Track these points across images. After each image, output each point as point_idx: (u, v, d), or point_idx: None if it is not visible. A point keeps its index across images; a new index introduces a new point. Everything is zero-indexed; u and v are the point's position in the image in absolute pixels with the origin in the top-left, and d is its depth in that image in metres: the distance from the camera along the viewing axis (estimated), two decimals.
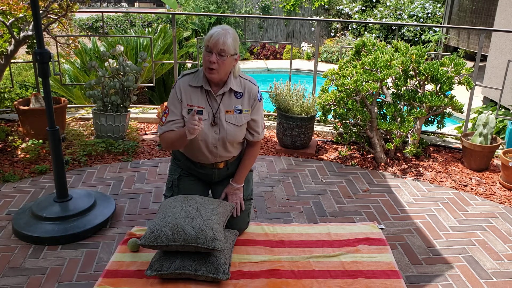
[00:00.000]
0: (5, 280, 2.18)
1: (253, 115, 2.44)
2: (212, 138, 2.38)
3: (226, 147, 2.45)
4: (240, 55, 2.29)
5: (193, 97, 2.34)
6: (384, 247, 2.50)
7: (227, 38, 2.20)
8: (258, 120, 2.47)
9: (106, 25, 11.32)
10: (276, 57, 11.83)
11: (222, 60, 2.21)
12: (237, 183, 2.53)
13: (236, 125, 2.39)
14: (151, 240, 2.12)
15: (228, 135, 2.39)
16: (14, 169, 3.37)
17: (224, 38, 2.19)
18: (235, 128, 2.39)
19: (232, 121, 2.38)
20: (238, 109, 2.38)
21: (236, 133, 2.41)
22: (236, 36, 2.28)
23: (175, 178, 2.59)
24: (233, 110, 2.38)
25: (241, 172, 2.55)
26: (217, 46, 2.19)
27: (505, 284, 2.25)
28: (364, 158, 3.76)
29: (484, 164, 3.61)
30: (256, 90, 2.43)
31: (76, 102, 5.68)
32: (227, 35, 2.21)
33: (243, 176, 2.55)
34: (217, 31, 2.21)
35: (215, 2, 11.71)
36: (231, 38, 2.23)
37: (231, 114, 2.37)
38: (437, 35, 10.73)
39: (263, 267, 2.29)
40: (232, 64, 2.29)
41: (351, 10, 12.10)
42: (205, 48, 2.24)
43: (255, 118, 2.45)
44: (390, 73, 3.51)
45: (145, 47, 6.16)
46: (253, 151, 2.56)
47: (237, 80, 2.40)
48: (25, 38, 3.78)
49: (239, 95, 2.39)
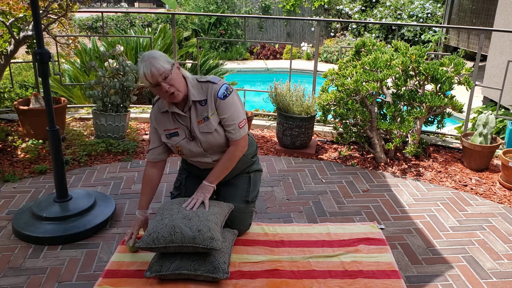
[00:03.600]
0: (5, 280, 2.18)
1: (220, 113, 2.35)
2: (197, 151, 2.41)
3: (217, 151, 2.44)
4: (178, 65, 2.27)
5: (165, 122, 2.39)
6: (384, 247, 2.50)
7: (155, 64, 2.15)
8: (227, 117, 2.35)
9: (106, 25, 11.32)
10: (276, 57, 11.83)
11: (171, 80, 2.19)
12: (207, 181, 2.39)
13: (209, 132, 2.35)
14: (149, 242, 2.12)
15: (208, 143, 2.38)
16: (14, 169, 3.37)
17: (153, 67, 2.14)
18: (211, 135, 2.36)
19: (205, 130, 2.35)
20: (205, 116, 2.34)
21: (214, 139, 2.38)
22: (157, 53, 2.21)
23: (183, 177, 2.63)
24: (202, 119, 2.35)
25: (214, 170, 2.41)
26: (156, 77, 2.16)
27: (505, 284, 2.25)
28: (364, 158, 3.76)
29: (484, 164, 3.61)
30: (216, 89, 2.32)
31: (76, 102, 5.68)
32: (152, 62, 2.15)
33: (215, 175, 2.40)
34: (144, 68, 2.15)
35: (215, 2, 11.71)
36: (156, 60, 2.16)
37: (202, 123, 2.35)
38: (437, 35, 10.73)
39: (263, 267, 2.29)
40: (179, 74, 2.26)
41: (351, 10, 12.10)
42: (152, 88, 2.21)
43: (223, 116, 2.35)
44: (390, 73, 3.51)
45: (145, 47, 6.16)
46: (230, 151, 2.41)
47: (197, 86, 2.34)
48: (25, 38, 3.78)
49: (203, 102, 2.34)
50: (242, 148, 2.44)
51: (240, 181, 2.58)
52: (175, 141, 2.39)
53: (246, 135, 2.44)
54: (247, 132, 2.47)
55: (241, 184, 2.58)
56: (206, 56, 7.25)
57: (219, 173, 2.41)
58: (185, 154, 2.45)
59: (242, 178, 2.59)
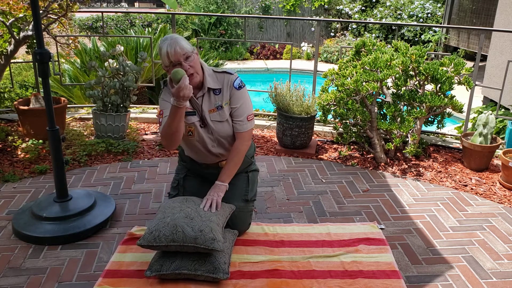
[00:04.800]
0: (5, 280, 2.18)
1: (232, 103, 2.38)
2: (208, 138, 2.42)
3: (224, 145, 2.46)
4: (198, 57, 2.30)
5: None
6: (384, 247, 2.50)
7: (180, 43, 2.19)
8: (238, 107, 2.39)
9: (106, 25, 11.32)
10: (276, 57, 11.83)
11: (192, 61, 2.22)
12: (220, 181, 2.41)
13: (221, 121, 2.39)
14: (150, 240, 2.12)
15: (218, 133, 2.41)
16: (14, 169, 3.37)
17: (178, 45, 2.18)
18: (221, 124, 2.40)
19: (217, 119, 2.38)
20: (219, 105, 2.38)
21: (225, 129, 2.41)
22: (179, 36, 2.26)
23: (181, 177, 2.62)
24: (215, 108, 2.38)
25: (224, 169, 2.44)
26: (179, 55, 2.18)
27: (505, 284, 2.25)
28: (364, 158, 3.76)
29: (484, 164, 3.61)
30: (232, 78, 2.39)
31: (76, 102, 5.68)
32: (177, 41, 2.19)
33: (227, 173, 2.43)
34: (167, 46, 2.17)
35: (215, 2, 11.71)
36: (180, 40, 2.21)
37: (214, 112, 2.38)
38: (437, 35, 10.73)
39: (263, 267, 2.29)
40: (199, 60, 2.30)
41: (351, 10, 12.10)
42: (170, 68, 2.19)
43: (234, 105, 2.39)
44: (390, 73, 3.51)
45: (145, 47, 6.16)
46: (238, 145, 2.43)
47: (213, 76, 2.38)
48: (25, 38, 3.78)
49: (218, 91, 2.38)
50: (247, 142, 2.46)
51: (239, 180, 2.59)
52: (190, 120, 2.37)
53: (251, 129, 2.48)
54: (253, 126, 2.50)
55: (240, 183, 2.58)
56: (206, 56, 7.25)
57: (230, 170, 2.44)
58: (194, 137, 2.41)
59: (241, 177, 2.61)
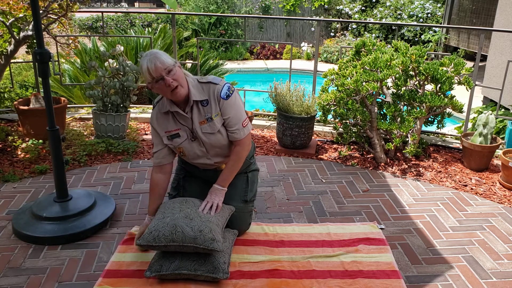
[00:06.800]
0: (5, 280, 2.18)
1: (224, 114, 2.35)
2: (199, 151, 2.41)
3: (220, 154, 2.45)
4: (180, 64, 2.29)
5: (166, 123, 2.37)
6: (384, 247, 2.50)
7: (160, 58, 2.17)
8: (230, 117, 2.35)
9: (106, 25, 11.32)
10: (276, 57, 11.83)
11: (174, 74, 2.19)
12: (219, 185, 2.41)
13: (212, 133, 2.35)
14: (150, 240, 2.12)
15: (210, 143, 2.38)
16: (14, 169, 3.37)
17: (158, 60, 2.16)
18: (214, 135, 2.36)
19: (208, 130, 2.35)
20: (209, 117, 2.34)
21: (216, 140, 2.38)
22: (159, 51, 2.24)
23: (181, 177, 2.63)
24: (205, 120, 2.34)
25: (224, 173, 2.43)
26: (160, 70, 2.16)
27: (505, 284, 2.25)
28: (364, 158, 3.76)
29: (484, 164, 3.61)
30: (218, 88, 2.32)
31: (76, 102, 5.68)
32: (157, 56, 2.17)
33: (226, 178, 2.42)
34: (147, 62, 2.16)
35: (215, 2, 11.71)
36: (160, 55, 2.19)
37: (205, 124, 2.34)
38: (437, 35, 10.73)
39: (263, 267, 2.29)
40: (182, 71, 2.27)
41: (351, 10, 12.10)
42: (154, 84, 2.20)
43: (227, 116, 2.35)
44: (390, 73, 3.51)
45: (145, 47, 6.16)
46: (239, 151, 2.41)
47: (198, 87, 2.33)
48: (25, 38, 3.78)
49: (205, 103, 2.33)
50: (247, 147, 2.45)
51: (239, 181, 2.58)
52: (177, 143, 2.38)
53: (249, 133, 2.46)
54: (250, 130, 2.48)
55: (239, 184, 2.58)
56: (206, 56, 7.24)
57: (228, 175, 2.43)
58: (187, 156, 2.44)
59: (240, 178, 2.60)
